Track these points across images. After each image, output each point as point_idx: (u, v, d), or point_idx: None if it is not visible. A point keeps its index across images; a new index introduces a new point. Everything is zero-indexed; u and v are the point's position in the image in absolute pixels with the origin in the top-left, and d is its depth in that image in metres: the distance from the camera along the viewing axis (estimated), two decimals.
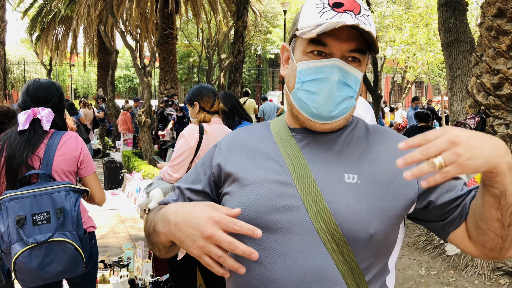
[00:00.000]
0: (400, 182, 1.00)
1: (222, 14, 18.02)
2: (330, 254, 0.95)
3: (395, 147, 1.02)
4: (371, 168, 1.01)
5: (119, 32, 9.51)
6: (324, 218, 0.96)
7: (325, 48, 0.99)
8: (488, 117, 4.33)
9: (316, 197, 0.98)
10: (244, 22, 10.17)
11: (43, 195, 1.93)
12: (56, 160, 2.09)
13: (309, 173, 1.01)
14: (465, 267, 4.07)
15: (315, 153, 1.05)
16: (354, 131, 1.09)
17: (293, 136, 1.08)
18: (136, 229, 5.86)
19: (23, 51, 33.67)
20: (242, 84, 10.41)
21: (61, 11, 17.63)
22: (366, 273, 0.98)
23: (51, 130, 2.16)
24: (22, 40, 35.42)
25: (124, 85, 36.90)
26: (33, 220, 1.89)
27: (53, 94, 2.20)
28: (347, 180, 0.99)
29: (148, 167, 7.62)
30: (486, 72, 4.37)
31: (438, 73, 19.15)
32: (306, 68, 1.01)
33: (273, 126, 1.15)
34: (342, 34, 0.97)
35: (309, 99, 1.01)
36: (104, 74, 19.71)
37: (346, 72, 0.99)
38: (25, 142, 2.05)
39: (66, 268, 1.96)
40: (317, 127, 1.05)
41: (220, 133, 2.88)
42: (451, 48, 5.83)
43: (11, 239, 1.86)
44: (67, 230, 1.94)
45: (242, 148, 1.12)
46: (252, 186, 1.04)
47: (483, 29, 4.46)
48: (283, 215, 0.99)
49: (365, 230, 0.95)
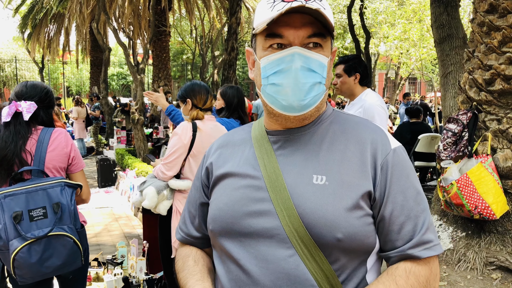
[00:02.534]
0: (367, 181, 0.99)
1: (216, 11, 17.97)
2: (301, 257, 0.96)
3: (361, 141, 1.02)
4: (340, 168, 1.00)
5: (112, 30, 9.46)
6: (293, 222, 0.96)
7: (283, 40, 0.98)
8: (480, 113, 4.35)
9: (286, 201, 0.98)
10: (237, 19, 10.15)
11: (38, 191, 1.95)
12: (48, 156, 2.11)
13: (280, 177, 1.01)
14: (457, 262, 4.10)
15: (288, 155, 1.05)
16: (329, 127, 1.08)
17: (269, 139, 1.09)
18: (130, 227, 5.84)
19: (15, 49, 33.34)
20: (236, 81, 10.39)
21: (53, 8, 17.47)
22: (340, 273, 0.98)
23: (40, 127, 2.18)
24: (14, 38, 35.12)
25: (117, 82, 36.70)
26: (29, 216, 1.90)
27: (38, 91, 2.21)
28: (315, 182, 0.99)
29: (142, 164, 7.60)
30: (478, 68, 4.39)
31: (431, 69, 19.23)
32: (268, 62, 1.00)
33: (253, 129, 1.16)
34: (296, 22, 0.97)
35: (277, 92, 1.00)
36: (97, 72, 19.59)
37: (307, 58, 0.98)
38: (13, 134, 2.07)
39: (65, 262, 1.99)
40: (291, 120, 1.03)
41: (213, 130, 2.87)
42: (444, 44, 5.84)
43: (8, 236, 1.87)
44: (65, 224, 1.97)
45: (225, 153, 1.16)
46: (229, 191, 1.07)
47: (475, 25, 4.47)
48: (255, 219, 1.00)
49: (332, 235, 0.95)
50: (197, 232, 1.20)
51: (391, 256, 1.00)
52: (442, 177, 4.24)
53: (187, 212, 1.24)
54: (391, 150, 1.02)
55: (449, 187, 4.01)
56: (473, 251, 4.09)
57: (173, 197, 2.95)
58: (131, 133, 10.93)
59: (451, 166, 4.19)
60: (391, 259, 1.01)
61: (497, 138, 4.16)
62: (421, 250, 0.97)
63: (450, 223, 4.57)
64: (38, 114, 2.17)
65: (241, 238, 1.01)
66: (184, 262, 1.17)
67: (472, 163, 4.06)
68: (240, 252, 1.01)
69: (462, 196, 3.90)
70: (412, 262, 0.98)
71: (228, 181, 1.09)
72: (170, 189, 2.93)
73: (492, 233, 4.13)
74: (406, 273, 0.96)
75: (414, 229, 0.98)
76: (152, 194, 2.87)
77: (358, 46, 9.05)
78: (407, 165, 1.03)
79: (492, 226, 4.13)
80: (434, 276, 1.00)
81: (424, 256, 0.97)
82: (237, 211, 1.02)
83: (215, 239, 1.09)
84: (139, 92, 9.24)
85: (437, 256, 1.00)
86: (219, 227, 1.06)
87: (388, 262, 1.04)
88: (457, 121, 4.37)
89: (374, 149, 1.01)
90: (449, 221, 4.61)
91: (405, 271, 0.97)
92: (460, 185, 3.92)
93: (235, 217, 1.02)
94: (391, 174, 0.99)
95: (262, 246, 0.99)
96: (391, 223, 0.98)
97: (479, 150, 4.21)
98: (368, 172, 0.99)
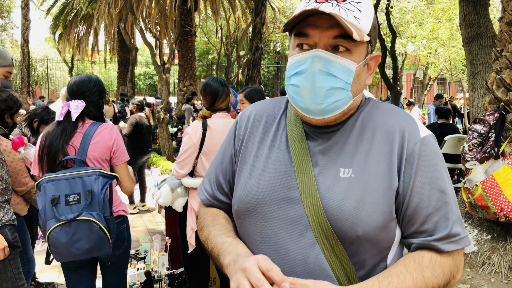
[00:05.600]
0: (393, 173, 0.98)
1: (241, 10, 18.03)
2: (321, 247, 0.97)
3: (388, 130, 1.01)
4: (367, 160, 1.00)
5: (139, 30, 9.63)
6: (317, 213, 0.97)
7: (308, 39, 0.97)
8: (507, 113, 4.25)
9: (312, 190, 0.99)
10: (262, 19, 10.15)
11: (76, 178, 2.13)
12: (91, 148, 2.30)
13: (309, 165, 1.01)
14: (481, 265, 4.01)
15: (318, 145, 1.04)
16: (359, 116, 1.06)
17: (303, 125, 1.08)
18: (153, 223, 5.95)
19: (46, 49, 34.34)
20: (260, 80, 10.40)
21: (82, 10, 17.91)
22: (358, 268, 0.98)
23: (89, 121, 2.39)
24: (46, 39, 36.14)
25: (144, 82, 37.28)
26: (65, 200, 2.09)
27: (84, 87, 2.39)
28: (342, 175, 0.99)
29: (166, 162, 7.72)
30: (506, 68, 4.29)
31: (462, 69, 18.76)
32: (292, 62, 1.00)
33: (289, 109, 1.14)
34: (323, 23, 0.94)
35: (295, 93, 1.00)
36: (124, 71, 19.96)
37: (328, 61, 0.95)
38: (60, 132, 2.30)
39: (93, 246, 2.13)
40: (313, 122, 1.03)
41: (225, 127, 2.90)
42: (472, 44, 5.71)
43: (46, 216, 2.08)
44: (94, 211, 2.11)
45: (258, 125, 1.14)
46: (259, 173, 1.06)
47: (503, 24, 4.36)
48: (280, 205, 1.01)
49: (353, 231, 0.95)
50: (224, 197, 1.19)
51: (414, 244, 1.00)
52: (466, 179, 4.16)
53: (214, 176, 1.20)
54: (420, 139, 1.00)
55: (474, 188, 3.93)
56: (498, 254, 3.99)
57: (187, 194, 3.01)
58: (156, 131, 11.10)
59: (476, 167, 4.10)
60: (413, 245, 1.01)
61: None
62: (447, 243, 0.96)
63: (475, 225, 4.48)
64: (87, 110, 2.37)
65: (264, 222, 1.02)
66: (214, 219, 1.15)
67: (499, 165, 3.97)
68: (260, 235, 1.03)
69: (488, 198, 3.82)
70: (438, 253, 0.97)
71: (259, 160, 1.08)
72: (184, 187, 2.99)
73: None
74: (432, 263, 0.95)
75: (441, 222, 0.97)
76: (167, 192, 2.96)
77: (384, 47, 8.93)
78: (436, 155, 1.00)
79: None
80: (458, 268, 0.99)
81: (449, 250, 0.96)
82: (264, 195, 1.03)
83: (237, 220, 1.10)
84: (164, 91, 9.37)
85: (463, 248, 0.99)
86: (244, 208, 1.06)
87: (408, 248, 1.03)
88: (483, 121, 4.28)
89: (401, 137, 1.00)
90: (474, 224, 4.52)
91: (431, 262, 0.96)
92: (485, 187, 3.84)
93: (261, 201, 1.03)
94: (417, 165, 0.98)
95: (283, 232, 1.00)
96: (417, 214, 0.97)
97: (506, 151, 4.11)
98: (394, 163, 0.98)
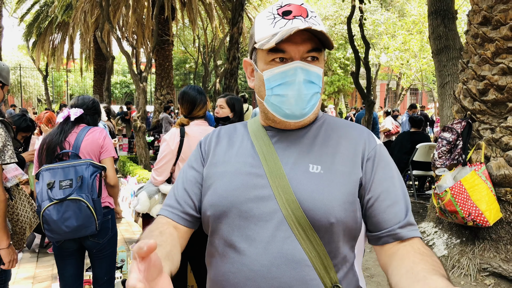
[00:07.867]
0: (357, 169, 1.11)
1: (218, 20, 18.16)
2: (298, 238, 1.04)
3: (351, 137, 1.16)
4: (334, 159, 1.11)
5: (116, 38, 9.60)
6: (291, 206, 1.05)
7: (285, 54, 1.09)
8: (474, 122, 4.44)
9: (284, 187, 1.07)
10: (239, 29, 10.28)
11: (69, 167, 2.53)
12: (83, 144, 2.71)
13: (278, 165, 1.11)
14: (451, 268, 4.15)
15: (285, 148, 1.15)
16: (322, 127, 1.20)
17: (267, 133, 1.20)
18: (130, 232, 5.92)
19: (19, 57, 33.66)
20: (237, 90, 10.49)
21: (57, 17, 17.69)
22: (332, 256, 1.07)
23: (82, 125, 2.81)
24: (19, 47, 35.44)
25: (120, 91, 36.95)
26: (59, 184, 2.47)
27: (85, 102, 2.90)
28: (311, 170, 1.09)
29: (143, 171, 7.69)
30: (472, 78, 4.49)
31: (432, 80, 19.32)
32: (272, 75, 1.11)
33: (250, 125, 1.27)
34: (296, 38, 1.07)
35: (281, 102, 1.11)
36: (100, 80, 19.78)
37: (308, 71, 1.09)
38: (59, 131, 2.75)
39: (81, 225, 2.47)
40: (291, 126, 1.16)
41: (202, 134, 2.94)
42: (441, 55, 5.94)
43: (42, 197, 2.45)
44: (83, 193, 2.48)
45: (223, 141, 1.25)
46: (228, 178, 1.14)
47: (469, 36, 4.58)
48: (255, 204, 1.09)
49: (326, 219, 1.04)
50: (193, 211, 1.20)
51: (382, 236, 1.08)
52: (436, 185, 4.32)
53: (182, 190, 1.22)
54: (377, 144, 1.16)
55: (443, 194, 4.09)
56: (467, 258, 4.15)
57: None
58: (133, 140, 11.04)
59: (445, 173, 4.27)
60: (381, 239, 1.08)
61: (491, 147, 4.24)
62: (410, 230, 1.06)
63: (445, 230, 4.64)
64: (83, 118, 2.84)
65: (240, 222, 1.09)
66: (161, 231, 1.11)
67: (466, 171, 4.14)
68: (238, 235, 1.09)
69: (456, 203, 3.97)
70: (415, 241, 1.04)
71: (227, 168, 1.16)
72: (162, 193, 3.03)
73: (486, 240, 4.19)
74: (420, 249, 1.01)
75: (401, 211, 1.08)
76: (144, 199, 3.00)
77: (358, 57, 9.16)
78: (390, 159, 1.17)
79: (485, 233, 4.20)
80: None
81: (413, 236, 1.05)
82: (237, 197, 1.10)
83: (212, 224, 1.15)
84: (141, 100, 9.35)
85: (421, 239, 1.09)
86: (218, 212, 1.12)
87: (375, 243, 1.11)
88: (451, 130, 4.46)
89: (363, 143, 1.15)
90: (444, 228, 4.68)
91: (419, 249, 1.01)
92: (454, 192, 4.00)
93: (235, 203, 1.10)
94: (377, 163, 1.12)
95: (260, 229, 1.07)
96: (379, 205, 1.08)
97: (473, 158, 4.29)
98: (358, 162, 1.11)
